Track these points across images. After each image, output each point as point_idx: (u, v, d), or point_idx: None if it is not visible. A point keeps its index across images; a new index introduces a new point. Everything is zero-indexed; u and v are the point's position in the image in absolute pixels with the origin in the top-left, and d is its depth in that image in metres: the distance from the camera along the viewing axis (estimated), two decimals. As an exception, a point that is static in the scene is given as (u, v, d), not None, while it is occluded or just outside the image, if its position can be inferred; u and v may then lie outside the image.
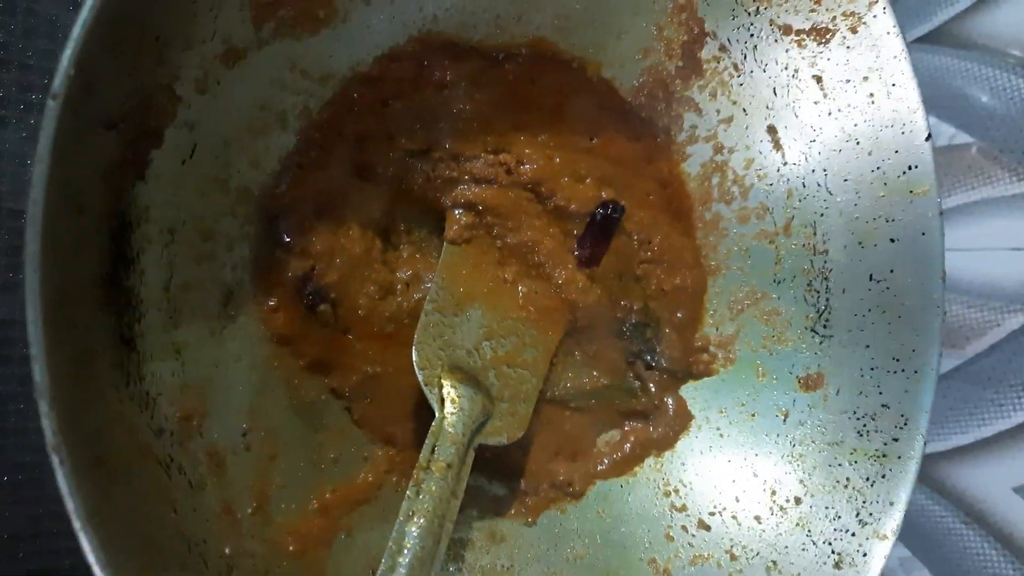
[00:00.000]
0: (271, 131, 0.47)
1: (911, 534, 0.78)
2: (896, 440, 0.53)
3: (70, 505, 0.31)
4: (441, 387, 0.49)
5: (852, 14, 0.53)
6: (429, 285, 0.53)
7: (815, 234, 0.57)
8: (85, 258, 0.36)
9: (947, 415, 0.78)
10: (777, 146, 0.58)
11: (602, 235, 0.58)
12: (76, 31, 0.31)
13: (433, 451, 0.46)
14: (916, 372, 0.53)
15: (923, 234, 0.53)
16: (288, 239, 0.49)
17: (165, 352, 0.41)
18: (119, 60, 0.35)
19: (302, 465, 0.48)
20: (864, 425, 0.54)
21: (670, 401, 0.60)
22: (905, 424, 0.53)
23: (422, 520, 0.43)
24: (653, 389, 0.60)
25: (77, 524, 0.31)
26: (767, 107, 0.58)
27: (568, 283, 0.57)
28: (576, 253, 0.57)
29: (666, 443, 0.60)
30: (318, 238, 0.50)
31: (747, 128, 0.59)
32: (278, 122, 0.47)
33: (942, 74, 0.84)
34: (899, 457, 0.53)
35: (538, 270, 0.56)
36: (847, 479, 0.54)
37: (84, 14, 0.31)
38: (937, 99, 0.82)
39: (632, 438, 0.60)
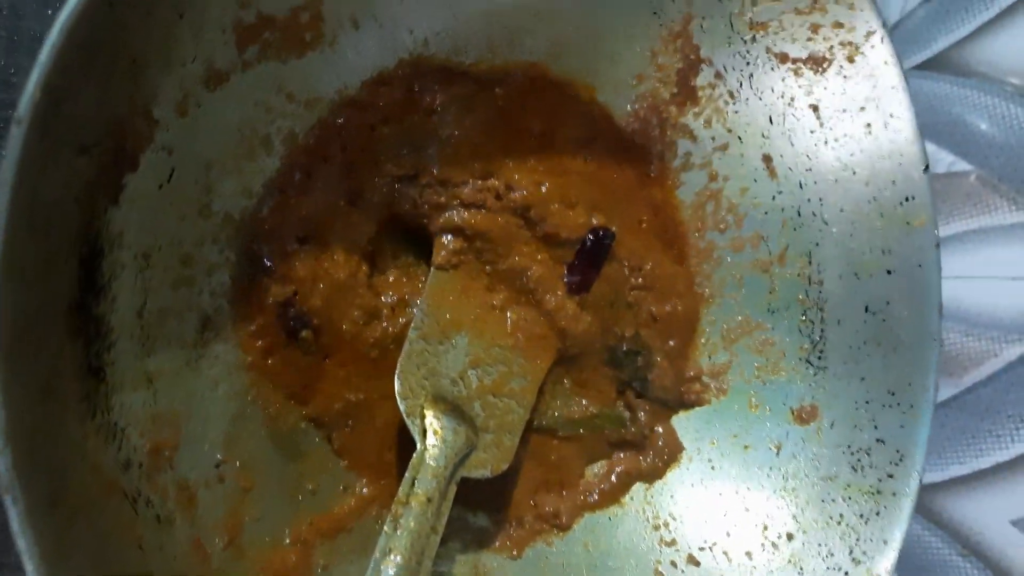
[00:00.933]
0: (255, 155, 0.46)
1: (907, 565, 0.76)
2: (891, 476, 0.52)
3: (22, 544, 0.29)
4: (423, 417, 0.47)
5: (849, 43, 0.52)
6: (415, 310, 0.52)
7: (810, 264, 0.56)
8: (52, 285, 0.34)
9: (944, 445, 0.77)
10: (772, 174, 0.57)
11: (592, 261, 0.57)
12: (43, 53, 0.30)
13: (413, 484, 0.44)
14: (912, 407, 0.52)
15: (920, 266, 0.52)
16: (270, 264, 0.48)
17: (136, 381, 0.40)
18: (91, 83, 0.34)
19: (278, 497, 0.46)
20: (859, 460, 0.53)
21: (660, 431, 0.59)
22: (900, 460, 0.52)
23: (399, 557, 0.41)
24: (643, 418, 0.59)
25: (30, 566, 0.29)
26: (763, 135, 0.57)
27: (558, 310, 0.56)
28: (566, 280, 0.56)
29: (656, 474, 0.58)
30: (301, 263, 0.48)
31: (742, 156, 0.58)
32: (262, 146, 0.46)
33: (941, 101, 0.83)
34: (894, 494, 0.52)
35: (527, 297, 0.55)
36: (841, 515, 0.53)
37: (52, 35, 0.30)
38: (936, 126, 0.82)
39: (620, 468, 0.58)
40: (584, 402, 0.58)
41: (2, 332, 0.30)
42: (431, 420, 0.47)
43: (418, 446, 0.46)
